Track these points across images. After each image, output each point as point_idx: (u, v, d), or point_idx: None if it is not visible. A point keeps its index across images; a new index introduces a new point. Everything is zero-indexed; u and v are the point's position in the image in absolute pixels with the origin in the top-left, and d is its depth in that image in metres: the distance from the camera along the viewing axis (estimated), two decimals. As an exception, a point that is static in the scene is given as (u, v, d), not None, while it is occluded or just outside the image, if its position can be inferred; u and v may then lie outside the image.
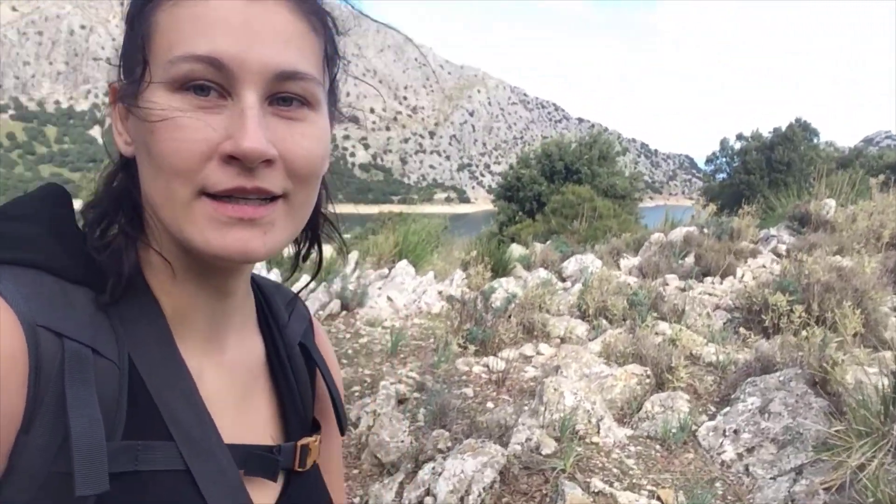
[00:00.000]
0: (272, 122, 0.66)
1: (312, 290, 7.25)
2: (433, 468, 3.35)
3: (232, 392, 0.79)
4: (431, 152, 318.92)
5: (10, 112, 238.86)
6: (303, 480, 0.84)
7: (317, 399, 0.94)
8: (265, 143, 0.64)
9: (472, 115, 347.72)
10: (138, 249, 0.73)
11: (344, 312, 7.13)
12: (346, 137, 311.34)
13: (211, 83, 0.64)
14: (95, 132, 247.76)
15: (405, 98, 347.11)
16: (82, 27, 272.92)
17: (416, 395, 4.59)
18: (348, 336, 6.61)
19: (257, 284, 0.90)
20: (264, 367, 0.86)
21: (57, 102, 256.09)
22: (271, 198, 0.68)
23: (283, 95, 0.67)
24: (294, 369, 0.89)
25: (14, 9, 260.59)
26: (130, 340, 0.69)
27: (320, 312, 7.00)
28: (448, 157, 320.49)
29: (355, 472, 3.75)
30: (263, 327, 0.88)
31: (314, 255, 0.87)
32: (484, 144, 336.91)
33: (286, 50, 0.67)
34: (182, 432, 0.69)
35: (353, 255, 8.19)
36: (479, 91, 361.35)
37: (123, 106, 0.69)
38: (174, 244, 0.71)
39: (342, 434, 0.97)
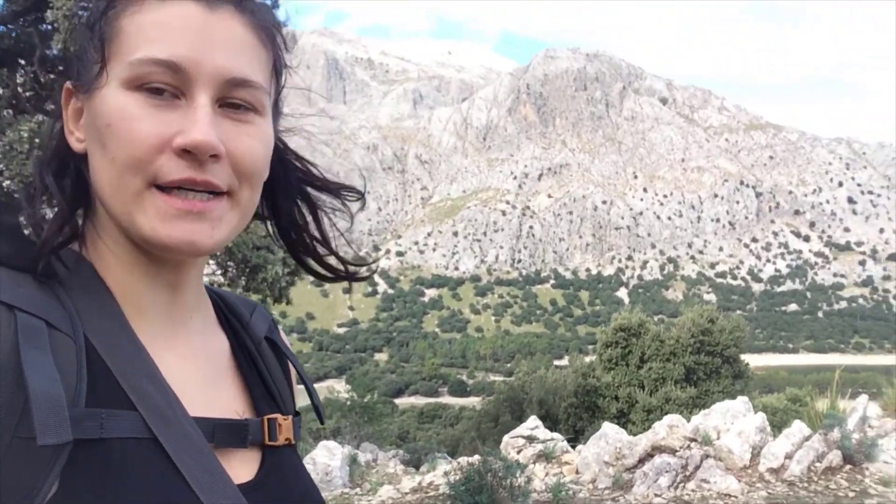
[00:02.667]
0: (221, 123, 0.71)
1: (807, 439, 6.39)
2: None
3: (196, 378, 0.79)
4: None
5: (552, 282, 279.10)
6: (280, 456, 0.82)
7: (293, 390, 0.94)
8: (214, 138, 0.69)
9: None
10: (87, 242, 0.76)
11: (848, 467, 6.08)
12: None
13: (166, 85, 0.69)
14: (621, 293, 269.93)
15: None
16: (603, 202, 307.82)
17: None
18: (851, 495, 5.59)
19: (213, 291, 0.92)
20: (231, 361, 0.87)
21: (587, 270, 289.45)
22: (217, 193, 0.72)
23: (232, 101, 0.72)
24: (265, 362, 0.90)
25: (549, 195, 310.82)
26: (85, 320, 0.70)
27: (816, 464, 6.12)
28: None
29: None
30: (225, 326, 0.90)
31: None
32: None
33: (238, 59, 0.72)
34: (145, 402, 0.69)
35: (862, 400, 7.01)
36: None
37: (77, 105, 0.75)
38: (123, 238, 0.74)
39: (321, 423, 0.93)
